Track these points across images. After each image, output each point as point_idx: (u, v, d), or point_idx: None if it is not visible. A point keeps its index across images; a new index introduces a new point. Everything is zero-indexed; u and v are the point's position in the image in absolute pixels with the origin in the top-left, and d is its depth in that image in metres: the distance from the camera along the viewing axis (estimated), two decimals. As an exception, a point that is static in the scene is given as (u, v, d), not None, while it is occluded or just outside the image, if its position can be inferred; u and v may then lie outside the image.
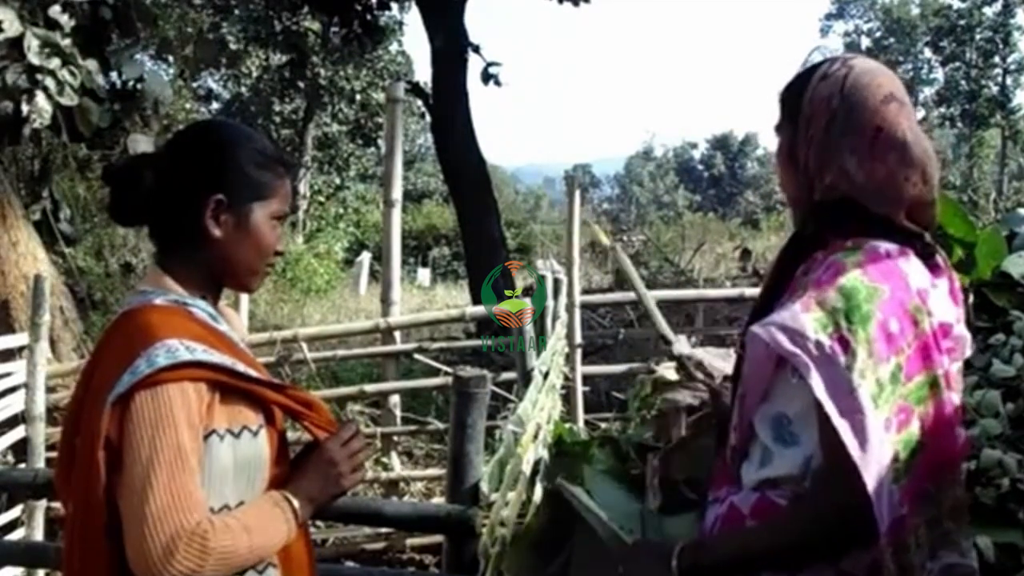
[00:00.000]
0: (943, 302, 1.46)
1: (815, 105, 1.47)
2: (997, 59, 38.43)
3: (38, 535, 4.59)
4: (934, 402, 1.40)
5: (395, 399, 5.88)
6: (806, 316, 1.37)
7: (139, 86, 7.11)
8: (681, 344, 2.39)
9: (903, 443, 1.36)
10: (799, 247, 1.56)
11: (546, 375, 4.04)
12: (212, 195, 1.46)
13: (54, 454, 2.84)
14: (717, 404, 1.89)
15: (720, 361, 2.22)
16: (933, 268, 1.49)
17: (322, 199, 26.41)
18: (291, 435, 1.63)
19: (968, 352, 1.52)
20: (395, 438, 5.99)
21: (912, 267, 1.44)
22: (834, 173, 1.45)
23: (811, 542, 1.37)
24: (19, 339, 5.12)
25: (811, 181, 1.49)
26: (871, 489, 1.31)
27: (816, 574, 1.39)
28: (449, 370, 4.77)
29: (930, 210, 1.49)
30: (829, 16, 45.78)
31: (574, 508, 1.98)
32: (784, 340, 1.37)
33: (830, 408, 1.32)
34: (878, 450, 1.32)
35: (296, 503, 1.46)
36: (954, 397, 1.44)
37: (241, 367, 1.43)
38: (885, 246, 1.43)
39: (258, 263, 1.53)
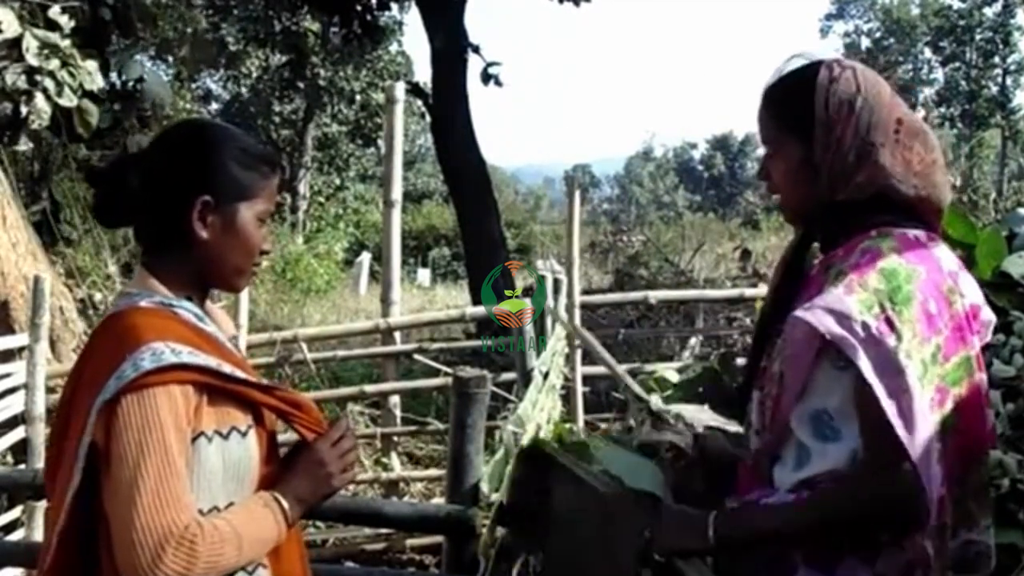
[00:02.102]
0: (971, 284, 1.48)
1: (835, 109, 1.46)
2: (997, 59, 38.46)
3: (38, 536, 4.58)
4: (968, 383, 1.41)
5: (395, 400, 5.87)
6: (851, 298, 1.37)
7: (138, 87, 7.11)
8: (656, 400, 2.37)
9: (939, 423, 1.37)
10: (807, 247, 1.57)
11: (546, 375, 4.04)
12: (198, 196, 1.45)
13: (54, 455, 2.83)
14: (703, 447, 1.87)
15: (698, 413, 2.19)
16: None
17: (322, 199, 26.38)
18: (286, 436, 1.62)
19: (990, 335, 1.53)
20: (395, 439, 5.99)
21: (942, 251, 1.46)
22: (868, 170, 1.45)
23: (856, 520, 1.36)
24: (19, 340, 5.12)
25: (835, 184, 1.47)
26: (921, 470, 1.31)
27: (851, 574, 1.40)
28: (449, 370, 4.77)
29: (949, 198, 1.52)
30: (829, 16, 45.83)
31: (555, 469, 1.93)
32: (831, 322, 1.36)
33: (879, 389, 1.32)
34: (925, 431, 1.33)
35: (286, 504, 1.45)
36: (984, 378, 1.45)
37: (228, 368, 1.42)
38: (913, 232, 1.45)
39: (245, 263, 1.52)
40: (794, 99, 1.50)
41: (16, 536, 4.59)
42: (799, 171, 1.51)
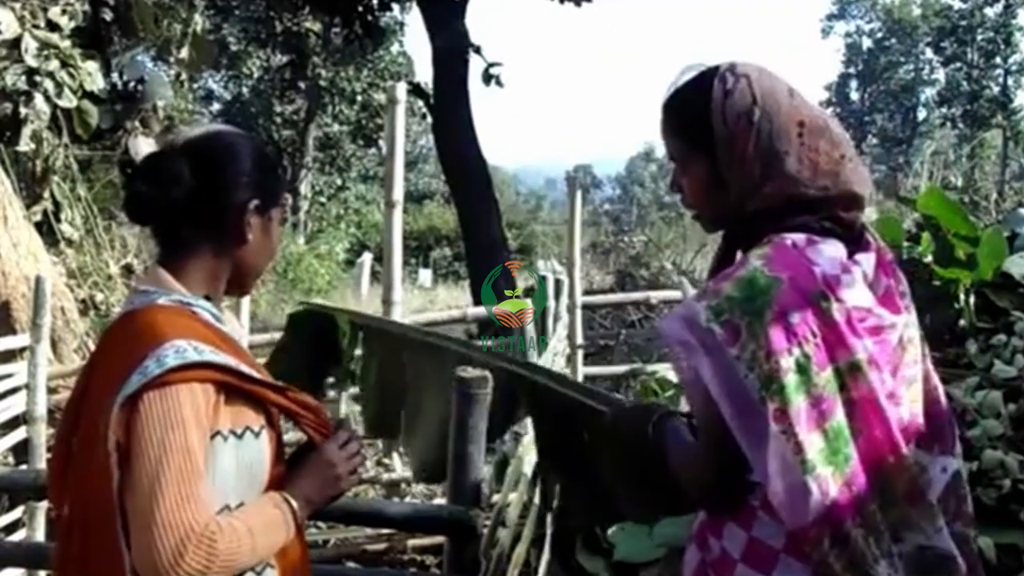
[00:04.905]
0: (858, 287, 1.43)
1: (733, 124, 1.45)
2: (998, 60, 38.47)
3: (39, 536, 4.58)
4: (860, 387, 1.37)
5: (396, 400, 5.86)
6: (700, 304, 1.38)
7: (140, 87, 7.12)
8: None
9: (832, 432, 1.34)
10: (732, 256, 1.55)
11: (547, 376, 4.03)
12: (251, 200, 1.50)
13: (55, 455, 2.82)
14: None
15: None
16: (863, 245, 1.48)
17: (323, 200, 26.41)
18: (288, 437, 1.63)
19: (912, 329, 1.49)
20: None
21: (822, 256, 1.41)
22: (776, 180, 1.44)
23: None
24: (20, 340, 5.13)
25: (744, 196, 1.47)
26: (767, 477, 1.34)
27: (791, 573, 1.40)
28: (450, 371, 4.76)
29: (867, 187, 1.49)
30: (830, 16, 45.81)
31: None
32: (679, 328, 1.39)
33: (717, 395, 1.35)
34: (770, 442, 1.32)
35: (295, 504, 1.46)
36: (886, 378, 1.41)
37: (244, 368, 1.43)
38: (792, 237, 1.42)
39: (266, 266, 1.60)
40: (692, 115, 1.50)
41: (17, 536, 4.59)
42: (709, 185, 1.51)
